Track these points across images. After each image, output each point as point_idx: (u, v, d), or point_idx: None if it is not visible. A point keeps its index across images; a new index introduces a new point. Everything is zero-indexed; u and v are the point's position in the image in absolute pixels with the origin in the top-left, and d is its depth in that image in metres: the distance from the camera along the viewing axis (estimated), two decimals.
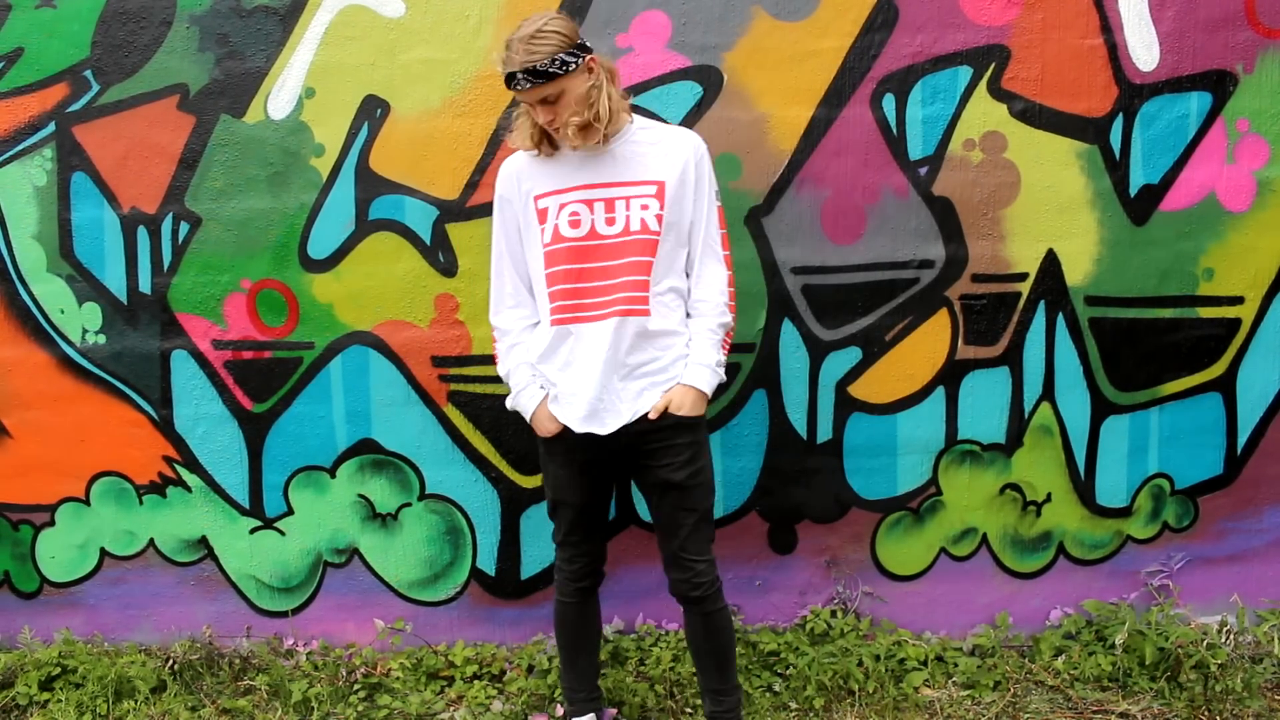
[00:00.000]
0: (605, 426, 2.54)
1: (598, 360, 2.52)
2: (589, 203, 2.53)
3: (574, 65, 2.41)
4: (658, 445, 2.55)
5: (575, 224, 2.53)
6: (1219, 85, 3.17)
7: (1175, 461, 3.35)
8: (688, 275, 2.61)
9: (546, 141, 2.55)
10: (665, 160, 2.54)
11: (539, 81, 2.39)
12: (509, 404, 2.69)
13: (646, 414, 2.53)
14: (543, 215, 2.56)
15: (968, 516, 3.34)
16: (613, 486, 2.75)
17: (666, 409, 2.52)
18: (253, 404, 3.24)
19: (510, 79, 2.41)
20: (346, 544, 3.32)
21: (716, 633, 2.66)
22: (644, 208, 2.51)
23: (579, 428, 2.55)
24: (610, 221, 2.51)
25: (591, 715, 2.81)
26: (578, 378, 2.55)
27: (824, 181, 3.16)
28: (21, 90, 3.11)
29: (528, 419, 2.65)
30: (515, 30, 2.43)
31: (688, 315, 2.61)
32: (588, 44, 2.48)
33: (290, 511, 3.30)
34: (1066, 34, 3.12)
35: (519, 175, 2.61)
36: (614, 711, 2.98)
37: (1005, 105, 3.15)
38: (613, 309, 2.51)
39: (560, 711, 3.00)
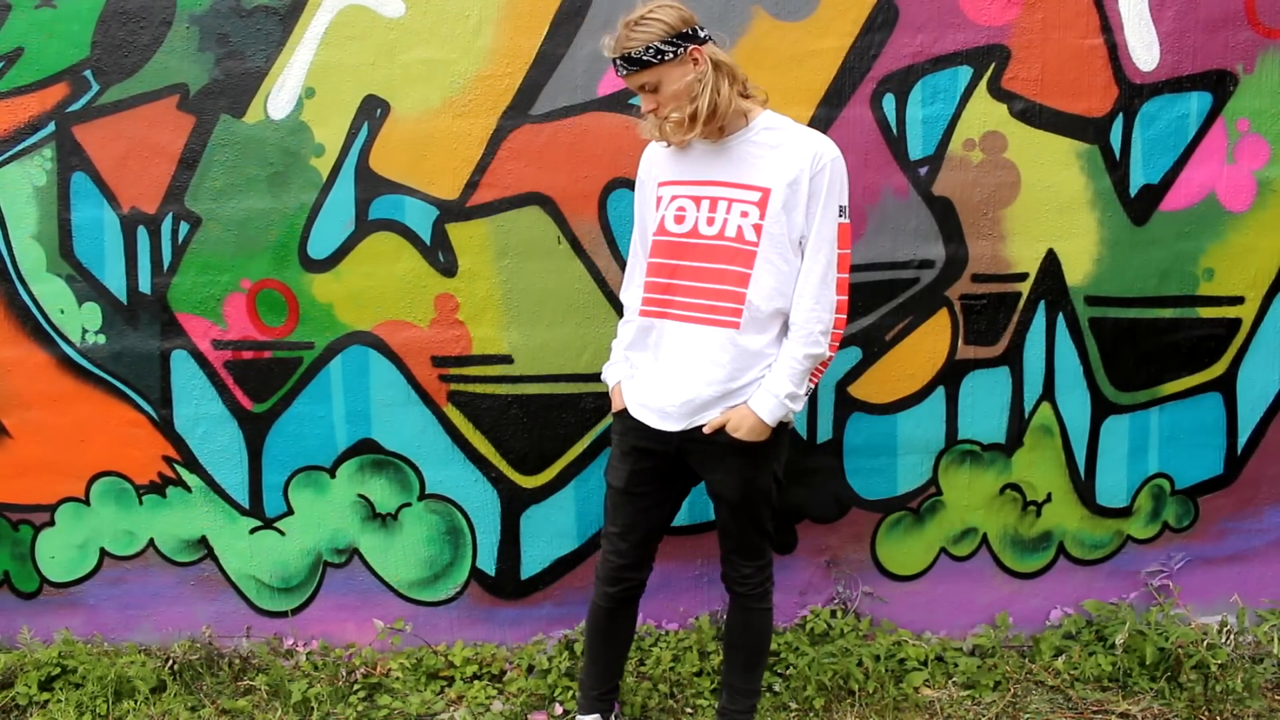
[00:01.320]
0: (659, 422, 2.51)
1: (674, 360, 2.49)
2: (696, 199, 2.46)
3: (671, 55, 2.31)
4: (710, 459, 2.52)
5: (680, 219, 2.47)
6: (1219, 85, 3.17)
7: (1175, 461, 3.35)
8: None
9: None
10: (778, 166, 2.40)
11: (634, 69, 2.34)
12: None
13: (702, 426, 2.48)
14: (658, 204, 2.55)
15: (968, 516, 3.34)
16: (660, 488, 2.62)
17: (724, 427, 2.45)
18: (253, 404, 3.23)
19: (614, 64, 2.39)
20: (346, 544, 3.32)
21: (752, 631, 2.67)
22: (744, 214, 2.41)
23: (635, 412, 2.55)
24: (710, 222, 2.44)
25: (596, 716, 2.80)
26: (651, 371, 2.54)
27: None
28: (21, 90, 3.11)
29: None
30: (629, 12, 2.39)
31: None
32: (700, 33, 2.36)
33: (290, 511, 3.30)
34: (1066, 34, 3.12)
35: (651, 160, 2.61)
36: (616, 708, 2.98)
37: (1005, 105, 3.15)
38: (700, 313, 2.45)
39: (559, 710, 2.99)
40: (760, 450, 2.48)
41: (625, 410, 2.59)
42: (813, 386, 2.53)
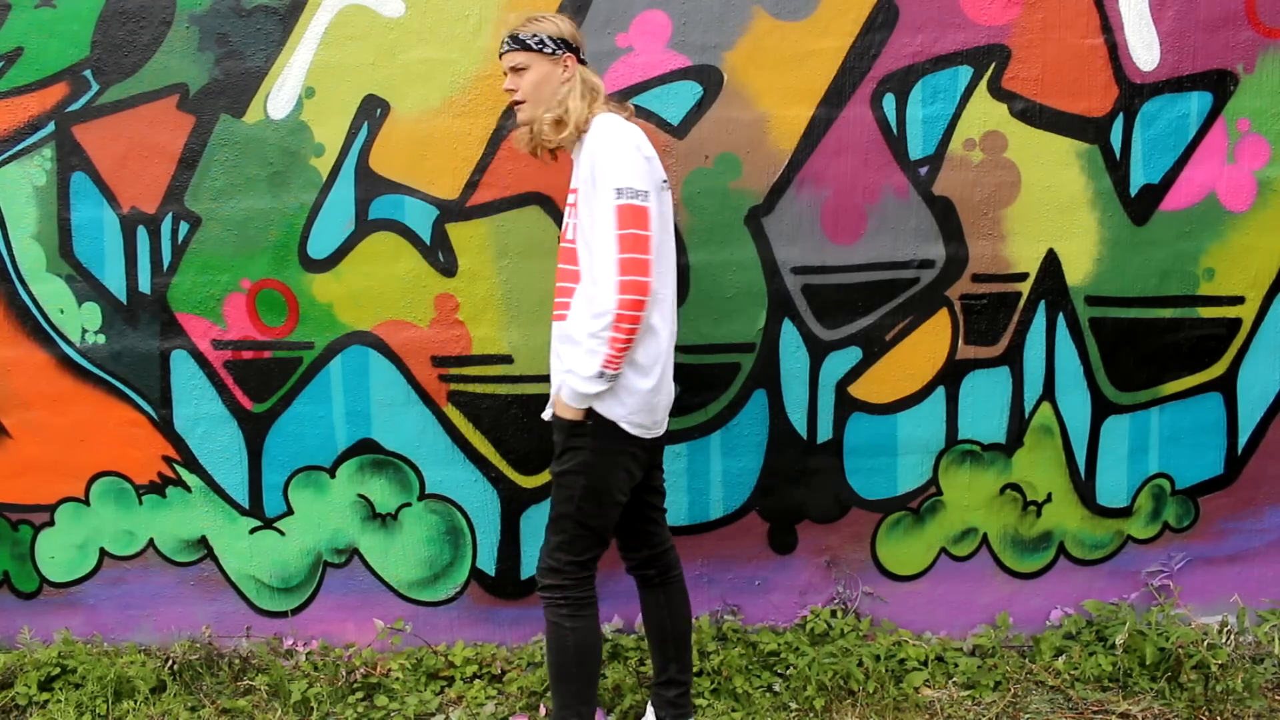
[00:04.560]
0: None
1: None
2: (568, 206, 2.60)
3: (549, 50, 2.55)
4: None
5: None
6: (1219, 85, 3.17)
7: (1176, 461, 3.35)
8: None
9: (543, 149, 2.65)
10: (581, 163, 2.54)
11: (515, 48, 2.57)
12: None
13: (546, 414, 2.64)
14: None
15: (968, 516, 3.34)
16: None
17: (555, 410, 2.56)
18: (252, 404, 3.23)
19: (502, 43, 2.61)
20: (346, 544, 3.32)
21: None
22: (570, 216, 2.56)
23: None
24: (566, 227, 2.59)
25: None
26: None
27: (824, 181, 3.16)
28: (21, 90, 3.11)
29: None
30: None
31: None
32: (581, 54, 2.60)
33: (290, 511, 3.29)
34: (1067, 34, 3.12)
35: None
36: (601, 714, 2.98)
37: (1005, 105, 3.15)
38: (556, 313, 2.59)
39: (543, 711, 3.00)
40: (573, 430, 2.50)
41: None
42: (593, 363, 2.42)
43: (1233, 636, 3.26)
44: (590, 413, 2.47)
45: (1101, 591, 3.39)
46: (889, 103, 3.13)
